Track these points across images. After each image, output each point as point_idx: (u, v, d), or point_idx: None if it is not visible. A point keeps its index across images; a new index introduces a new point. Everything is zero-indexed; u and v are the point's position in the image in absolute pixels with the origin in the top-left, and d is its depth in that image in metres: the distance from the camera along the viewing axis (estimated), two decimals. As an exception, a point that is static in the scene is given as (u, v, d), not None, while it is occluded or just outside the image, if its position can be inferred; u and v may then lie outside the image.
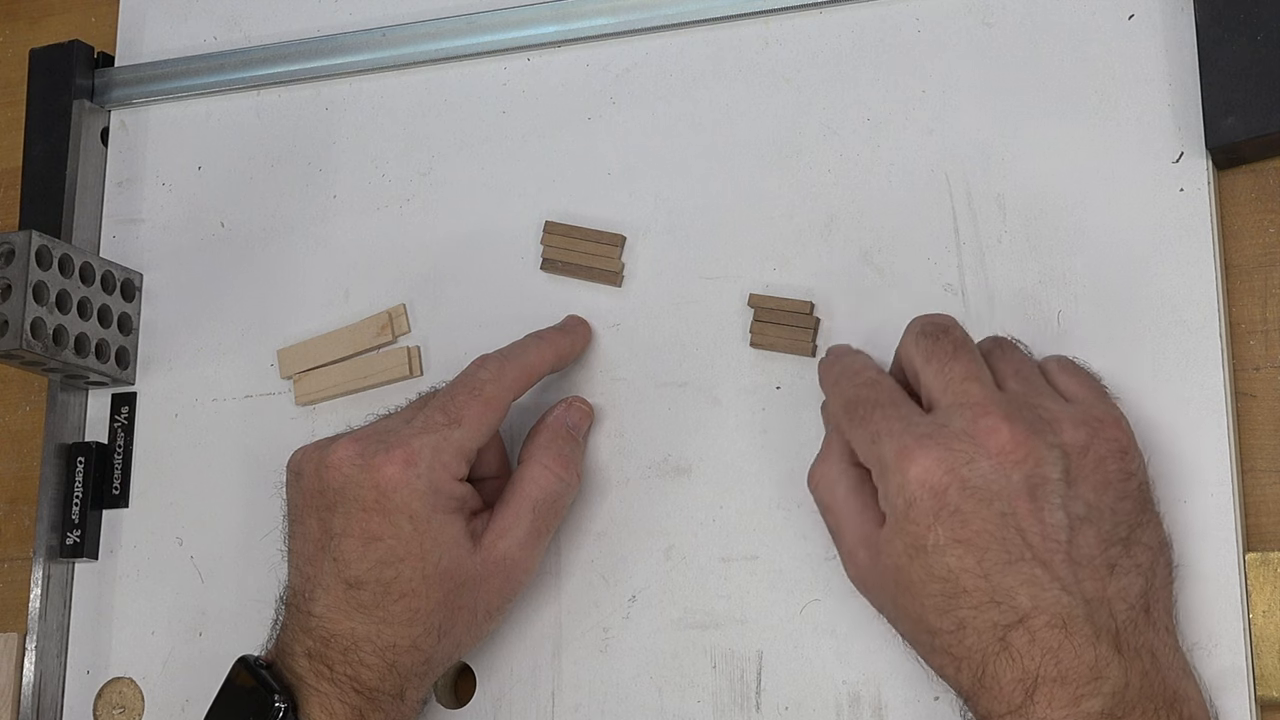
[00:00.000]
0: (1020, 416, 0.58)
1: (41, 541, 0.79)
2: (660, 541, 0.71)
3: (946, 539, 0.57)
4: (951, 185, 0.70)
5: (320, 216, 0.81)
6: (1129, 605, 0.58)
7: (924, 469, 0.58)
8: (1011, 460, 0.58)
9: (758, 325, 0.71)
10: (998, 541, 0.57)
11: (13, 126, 0.88)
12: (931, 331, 0.63)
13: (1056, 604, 0.56)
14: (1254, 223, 0.67)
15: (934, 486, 0.58)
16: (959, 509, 0.57)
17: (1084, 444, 0.59)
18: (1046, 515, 0.57)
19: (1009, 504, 0.57)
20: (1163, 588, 0.59)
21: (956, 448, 0.58)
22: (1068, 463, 0.58)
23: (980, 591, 0.57)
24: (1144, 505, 0.60)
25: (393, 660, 0.65)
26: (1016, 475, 0.57)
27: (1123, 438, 0.60)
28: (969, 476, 0.57)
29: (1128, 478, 0.59)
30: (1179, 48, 0.67)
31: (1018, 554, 0.57)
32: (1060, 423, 0.59)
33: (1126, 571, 0.58)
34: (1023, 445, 0.58)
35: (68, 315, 0.77)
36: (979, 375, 0.61)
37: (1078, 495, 0.58)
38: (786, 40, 0.74)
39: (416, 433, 0.66)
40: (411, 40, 0.80)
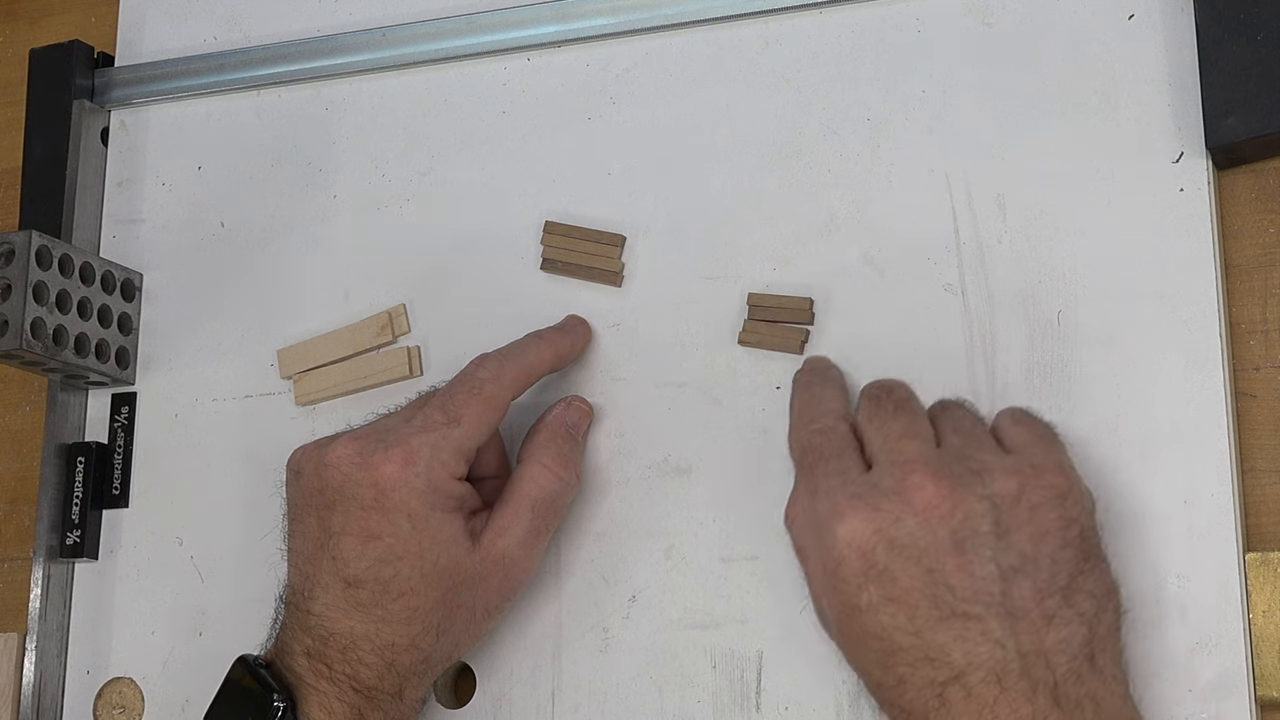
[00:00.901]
0: (947, 471, 0.58)
1: (41, 541, 0.79)
2: (660, 541, 0.71)
3: (879, 598, 0.58)
4: (951, 185, 0.70)
5: (320, 216, 0.81)
6: (1070, 656, 0.57)
7: (851, 529, 0.58)
8: (937, 516, 0.57)
9: (750, 324, 0.71)
10: (927, 599, 0.57)
11: (13, 126, 0.88)
12: (875, 393, 0.64)
13: (991, 659, 0.56)
14: (1254, 223, 0.67)
15: (861, 547, 0.58)
16: (887, 568, 0.58)
17: (1015, 493, 0.58)
18: (976, 569, 0.57)
19: (936, 560, 0.57)
20: (1109, 634, 0.58)
21: (884, 507, 0.58)
22: (998, 514, 0.58)
23: (914, 649, 0.57)
24: (1087, 552, 0.59)
25: (391, 659, 0.65)
26: (943, 530, 0.57)
27: (1061, 484, 0.59)
28: (895, 535, 0.58)
29: (1067, 525, 0.58)
30: (1179, 48, 0.67)
31: (948, 610, 0.57)
32: (991, 473, 0.59)
33: (1067, 621, 0.57)
34: (948, 499, 0.58)
35: (68, 315, 0.77)
36: (915, 433, 0.61)
37: (1010, 546, 0.57)
38: (786, 40, 0.74)
39: (415, 431, 0.66)
40: (411, 40, 0.80)
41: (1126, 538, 0.64)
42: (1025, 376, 0.67)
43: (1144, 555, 0.64)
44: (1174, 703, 0.62)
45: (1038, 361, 0.67)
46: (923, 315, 0.69)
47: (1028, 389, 0.67)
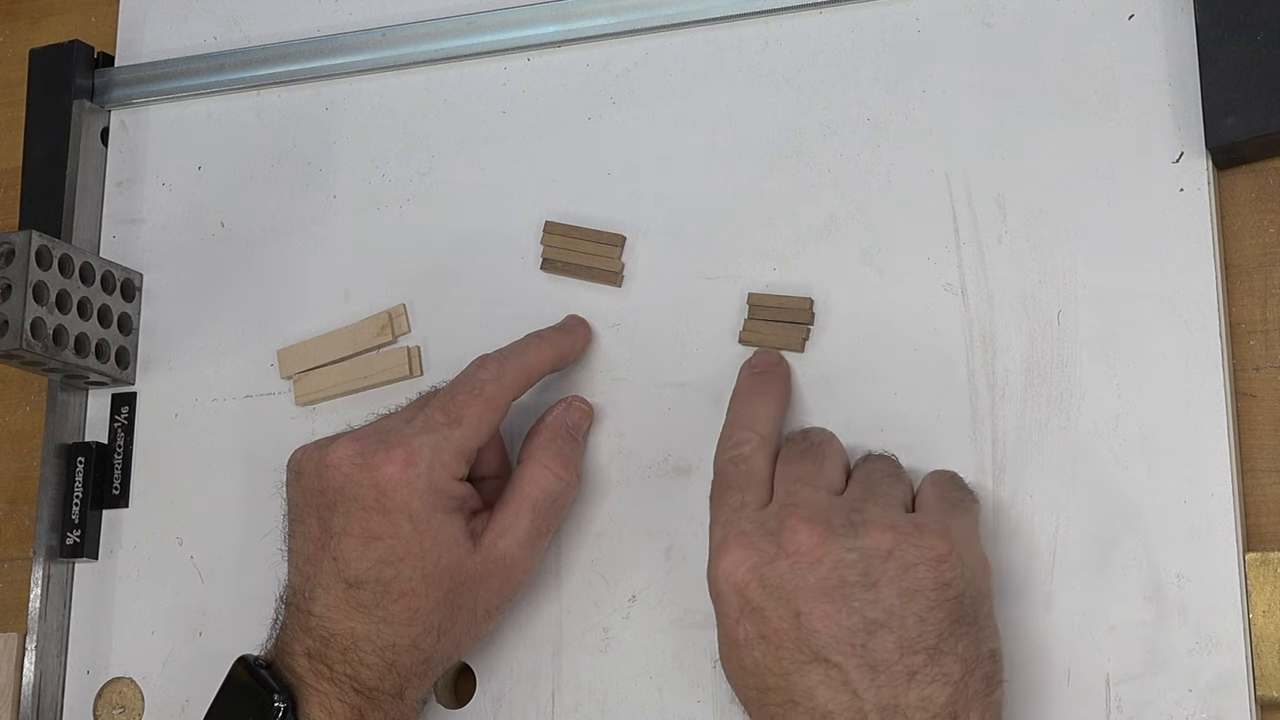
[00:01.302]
0: (824, 520, 0.59)
1: (41, 541, 0.79)
2: (660, 541, 0.71)
3: (753, 634, 0.59)
4: (951, 185, 0.70)
5: (320, 216, 0.80)
6: (930, 714, 0.57)
7: (731, 564, 0.60)
8: (807, 561, 0.59)
9: (750, 323, 0.71)
10: (792, 640, 0.58)
11: (13, 126, 0.88)
12: (794, 436, 0.66)
13: (850, 708, 0.57)
14: (1254, 223, 0.67)
15: (737, 583, 0.60)
16: (760, 606, 0.59)
17: (888, 549, 0.59)
18: (842, 618, 0.58)
19: (805, 604, 0.58)
20: (976, 699, 0.58)
21: (762, 547, 0.60)
22: (867, 565, 0.58)
23: (781, 690, 0.58)
24: (960, 617, 0.59)
25: (392, 660, 0.65)
26: (812, 576, 0.58)
27: (940, 547, 0.59)
28: (768, 575, 0.59)
29: (941, 587, 0.59)
30: (1179, 48, 0.67)
31: (811, 654, 0.58)
32: (869, 526, 0.59)
33: (930, 680, 0.57)
34: (819, 547, 0.59)
35: (68, 315, 0.77)
36: (812, 479, 0.62)
37: (877, 600, 0.58)
38: (786, 40, 0.74)
39: (417, 432, 0.66)
40: (411, 40, 0.80)
41: (1127, 538, 0.64)
42: (1025, 376, 0.67)
43: (1144, 555, 0.64)
44: (1174, 703, 0.62)
45: (1038, 361, 0.67)
46: (923, 315, 0.69)
47: (1027, 389, 0.67)
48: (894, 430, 0.68)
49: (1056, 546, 0.65)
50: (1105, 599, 0.64)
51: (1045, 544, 0.65)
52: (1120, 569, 0.64)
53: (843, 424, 0.68)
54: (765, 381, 0.69)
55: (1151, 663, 0.63)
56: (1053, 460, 0.66)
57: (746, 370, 0.69)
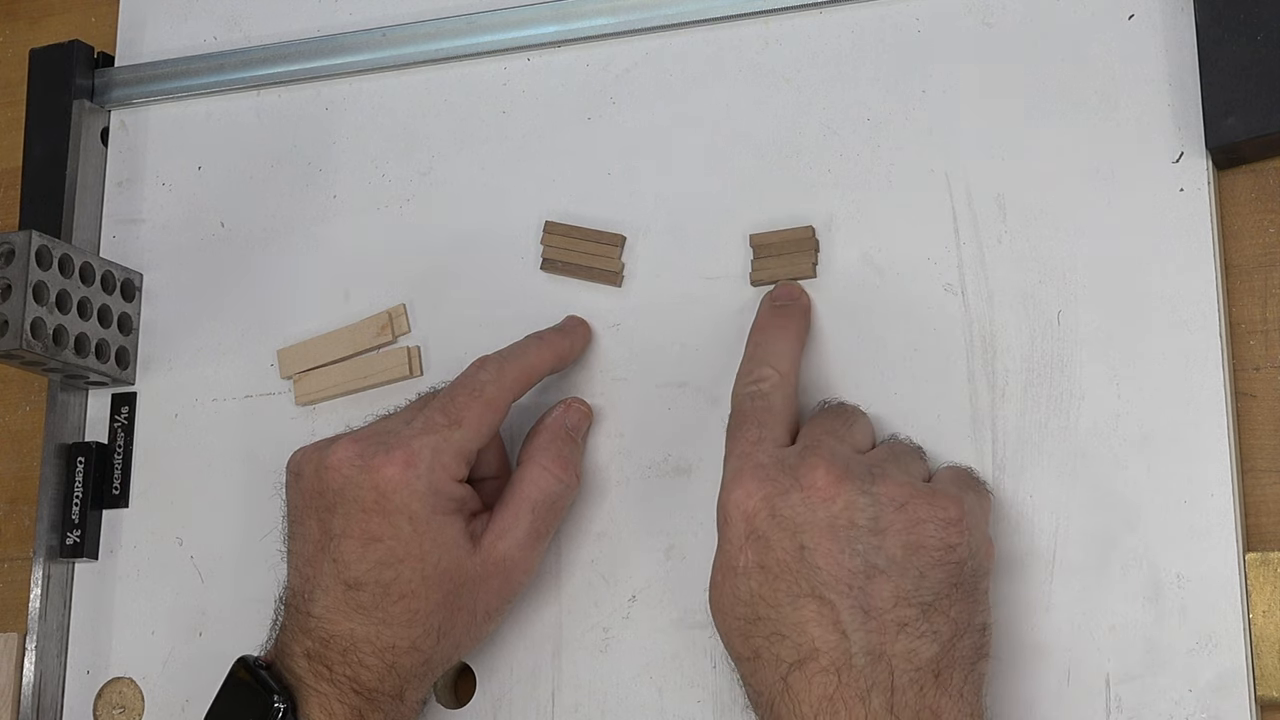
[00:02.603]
0: (843, 461, 0.60)
1: (41, 541, 0.79)
2: (660, 541, 0.71)
3: (753, 563, 0.59)
4: (951, 185, 0.70)
5: (320, 216, 0.80)
6: (915, 667, 0.58)
7: (744, 493, 0.60)
8: (820, 497, 0.59)
9: (757, 262, 0.71)
10: (791, 572, 0.58)
11: (13, 126, 0.88)
12: (831, 402, 0.67)
13: (835, 648, 0.57)
14: (1254, 223, 0.67)
15: (747, 511, 0.60)
16: (765, 535, 0.59)
17: (901, 500, 0.59)
18: (845, 559, 0.58)
19: (810, 538, 0.59)
20: (961, 663, 0.59)
21: (777, 479, 0.60)
22: (878, 511, 0.59)
23: (771, 621, 0.59)
24: (959, 583, 0.59)
25: (392, 661, 0.65)
26: (822, 512, 0.59)
27: (952, 510, 0.60)
28: (779, 506, 0.59)
29: (947, 550, 0.59)
30: (1179, 48, 0.67)
31: (808, 589, 0.58)
32: (886, 478, 0.60)
33: (920, 635, 0.58)
34: (834, 485, 0.59)
35: (68, 315, 0.77)
36: (838, 432, 0.63)
37: (881, 546, 0.59)
38: (786, 40, 0.74)
39: (416, 434, 0.66)
40: (411, 40, 0.80)
41: (1127, 538, 0.64)
42: (1025, 376, 0.67)
43: (1144, 555, 0.64)
44: (1174, 703, 0.62)
45: (1038, 361, 0.67)
46: (923, 315, 0.69)
47: (1027, 389, 0.67)
48: (894, 430, 0.68)
49: (1056, 546, 0.65)
50: (1105, 599, 0.64)
51: (1045, 544, 0.65)
52: (1120, 569, 0.64)
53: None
54: (786, 315, 0.69)
55: (1151, 663, 0.63)
56: (1053, 460, 0.66)
57: (768, 302, 0.70)
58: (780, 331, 0.68)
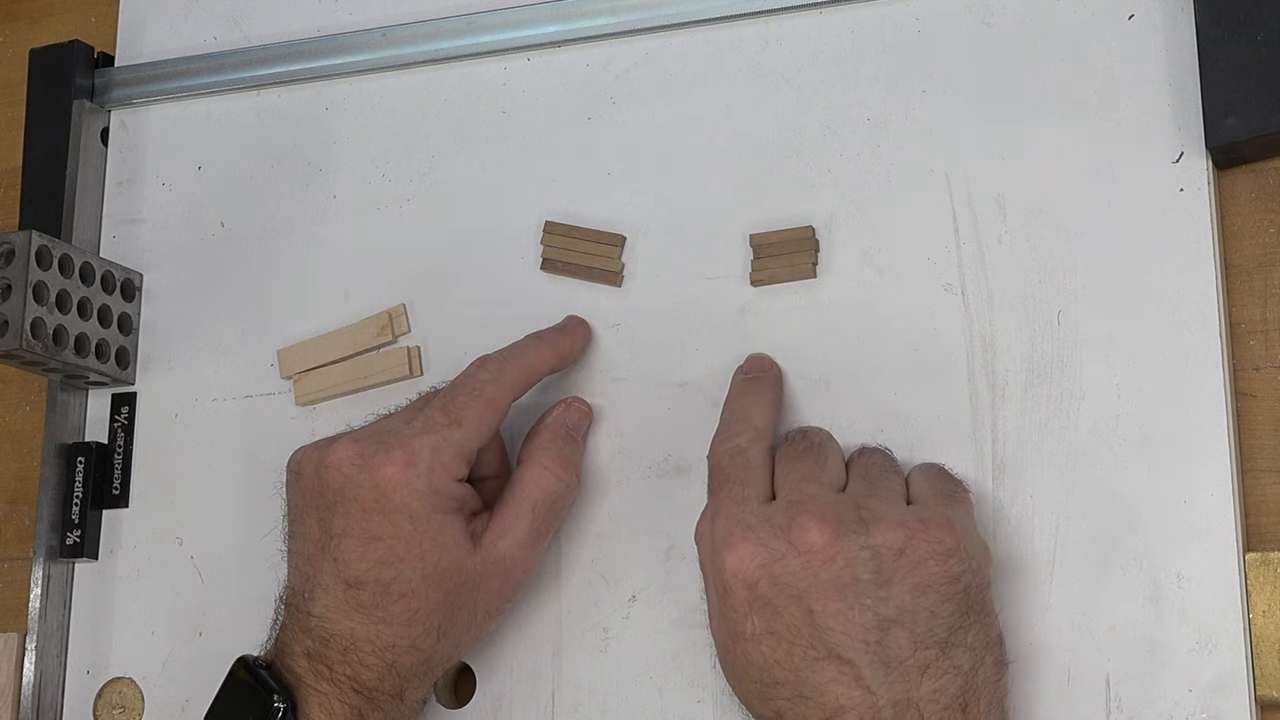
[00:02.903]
0: (835, 517, 0.60)
1: (41, 541, 0.79)
2: (660, 541, 0.71)
3: (761, 629, 0.59)
4: (951, 185, 0.70)
5: (320, 216, 0.80)
6: (943, 706, 0.58)
7: (739, 560, 0.60)
8: (819, 559, 0.59)
9: (757, 262, 0.71)
10: (805, 638, 0.58)
11: (13, 126, 0.88)
12: (792, 435, 0.66)
13: (862, 704, 0.57)
14: (1254, 223, 0.67)
15: (746, 578, 0.59)
16: (770, 601, 0.59)
17: (900, 546, 0.59)
18: (856, 615, 0.58)
19: (817, 601, 0.58)
20: (985, 686, 0.59)
21: (771, 544, 0.59)
22: (879, 563, 0.59)
23: (791, 685, 0.58)
24: (969, 608, 0.59)
25: (392, 660, 0.65)
26: (825, 574, 0.59)
27: (948, 541, 0.59)
28: (779, 572, 0.59)
29: (950, 581, 0.59)
30: (1179, 48, 0.67)
31: (824, 651, 0.58)
32: (879, 524, 0.60)
33: (943, 673, 0.58)
34: (831, 545, 0.59)
35: (68, 315, 0.77)
36: (816, 476, 0.63)
37: (889, 597, 0.58)
38: (786, 40, 0.74)
39: (417, 433, 0.66)
40: (411, 40, 0.80)
41: (1127, 538, 0.64)
42: (1025, 376, 0.67)
43: (1144, 555, 0.64)
44: (1174, 703, 0.62)
45: (1038, 361, 0.67)
46: (923, 315, 0.69)
47: (1027, 389, 0.67)
48: (894, 430, 0.68)
49: (1056, 546, 0.65)
50: (1105, 599, 0.64)
51: (1045, 544, 0.65)
52: (1120, 569, 0.64)
53: (843, 424, 0.68)
54: (758, 384, 0.69)
55: (1151, 663, 0.63)
56: (1053, 460, 0.66)
57: (739, 375, 0.70)
58: (754, 397, 0.68)
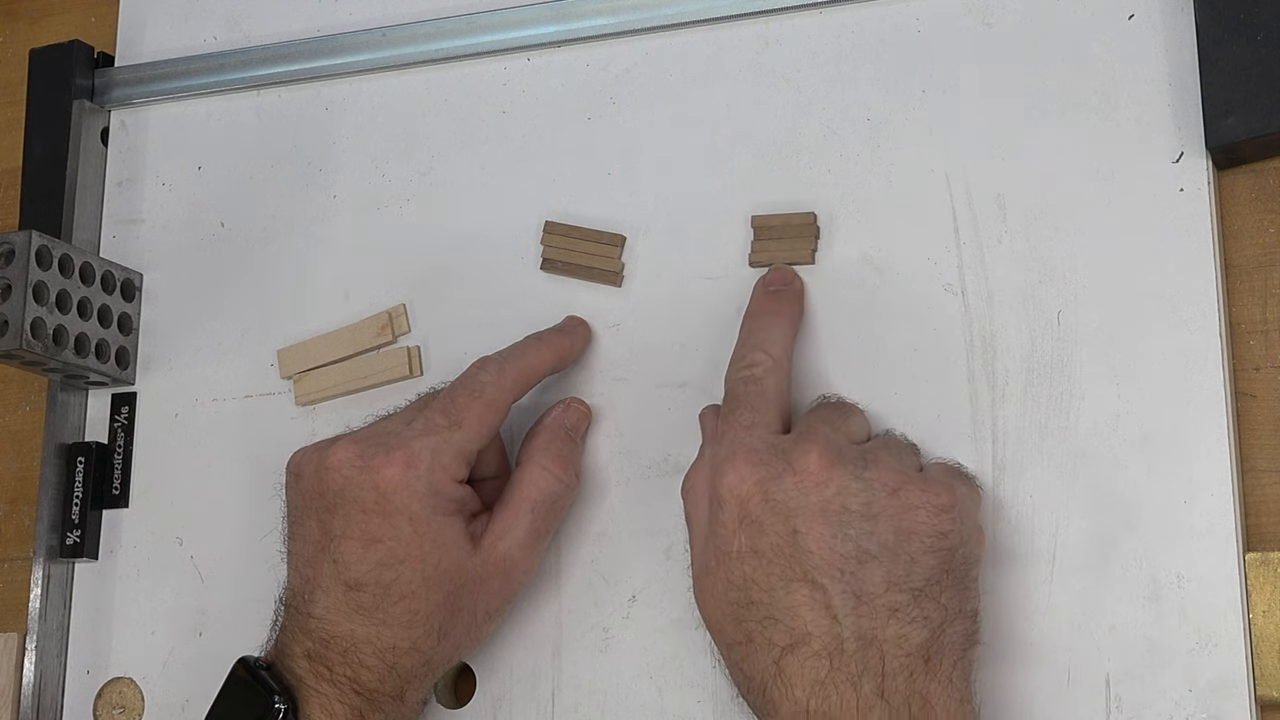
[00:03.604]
0: (836, 448, 0.60)
1: (41, 541, 0.79)
2: (660, 541, 0.71)
3: (746, 547, 0.60)
4: (951, 185, 0.70)
5: (320, 216, 0.81)
6: (905, 652, 0.58)
7: (738, 478, 0.60)
8: (813, 482, 0.59)
9: (758, 244, 0.71)
10: (784, 557, 0.59)
11: (13, 126, 0.88)
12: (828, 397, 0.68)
13: (827, 633, 0.58)
14: (1254, 223, 0.67)
15: (740, 496, 0.60)
16: (758, 519, 0.60)
17: (894, 486, 0.60)
18: (837, 544, 0.59)
19: (803, 523, 0.59)
20: (951, 648, 0.59)
21: (770, 464, 0.60)
22: (870, 496, 0.59)
23: (764, 605, 0.59)
24: (950, 570, 0.60)
25: (393, 662, 0.65)
26: (815, 497, 0.59)
27: (945, 497, 0.60)
28: (772, 491, 0.60)
29: (938, 536, 0.60)
30: (1179, 48, 0.67)
31: (800, 573, 0.59)
32: (879, 464, 0.60)
33: (911, 620, 0.58)
34: (827, 470, 0.59)
35: (68, 315, 0.77)
36: (834, 423, 0.63)
37: (873, 531, 0.59)
38: (786, 40, 0.74)
39: (417, 435, 0.66)
40: (411, 40, 0.80)
41: (1127, 538, 0.64)
42: (1025, 376, 0.67)
43: (1144, 555, 0.64)
44: (1174, 703, 0.62)
45: (1038, 361, 0.67)
46: (923, 315, 0.69)
47: (1027, 389, 0.67)
48: (894, 430, 0.68)
49: (1056, 546, 0.65)
50: (1105, 599, 0.64)
51: (1045, 544, 0.65)
52: (1120, 569, 0.64)
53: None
54: (780, 300, 0.69)
55: (1151, 663, 0.63)
56: (1053, 460, 0.66)
57: (761, 287, 0.70)
58: (774, 317, 0.68)
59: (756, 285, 0.70)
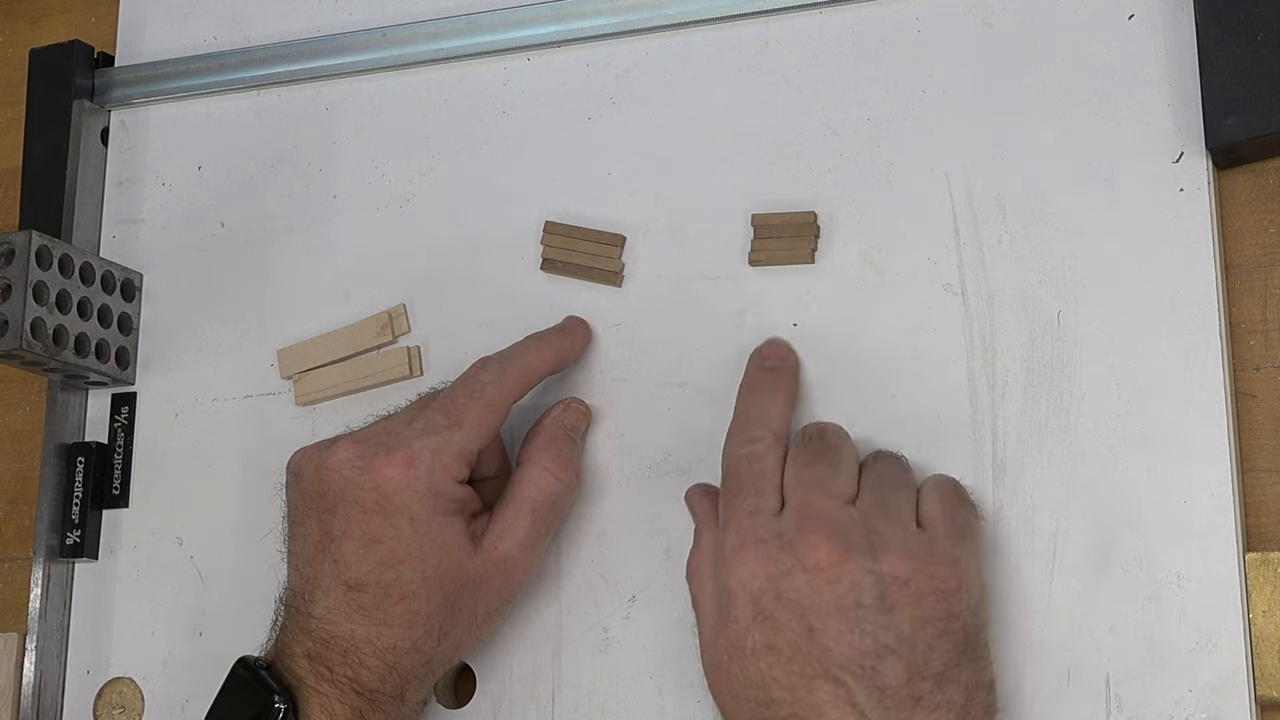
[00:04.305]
0: (844, 537, 0.59)
1: (41, 541, 0.79)
2: (660, 541, 0.71)
3: (761, 644, 0.59)
4: (951, 185, 0.70)
5: (320, 216, 0.81)
6: None
7: (749, 572, 0.60)
8: (825, 579, 0.59)
9: (757, 243, 0.71)
10: (803, 655, 0.58)
11: (13, 126, 0.88)
12: (809, 433, 0.65)
13: None
14: (1254, 223, 0.67)
15: (753, 591, 0.59)
16: (773, 616, 0.59)
17: (905, 577, 0.59)
18: (855, 640, 0.58)
19: (820, 620, 0.58)
20: None
21: (778, 558, 0.59)
22: (883, 589, 0.59)
23: (786, 704, 0.58)
24: (965, 647, 0.60)
25: (393, 662, 0.65)
26: (829, 594, 0.58)
27: (951, 580, 0.60)
28: (785, 588, 0.59)
29: (949, 618, 0.59)
30: (1179, 48, 0.67)
31: (821, 671, 0.58)
32: (887, 550, 0.60)
33: (935, 706, 0.58)
34: (837, 566, 0.59)
35: (68, 315, 0.77)
36: (826, 485, 0.62)
37: (890, 625, 0.58)
38: (786, 40, 0.74)
39: (417, 435, 0.66)
40: (411, 40, 0.80)
41: (1127, 538, 0.64)
42: (1025, 376, 0.67)
43: (1144, 555, 0.64)
44: (1174, 703, 0.62)
45: (1038, 361, 0.67)
46: (923, 315, 0.69)
47: (1027, 389, 0.67)
48: (894, 430, 0.68)
49: (1056, 546, 0.65)
50: (1105, 599, 0.64)
51: (1045, 544, 0.65)
52: (1120, 569, 0.64)
53: (843, 425, 0.68)
54: (777, 377, 0.68)
55: (1151, 663, 0.63)
56: (1053, 460, 0.66)
57: (758, 360, 0.69)
58: (772, 393, 0.68)
59: (752, 356, 0.69)
